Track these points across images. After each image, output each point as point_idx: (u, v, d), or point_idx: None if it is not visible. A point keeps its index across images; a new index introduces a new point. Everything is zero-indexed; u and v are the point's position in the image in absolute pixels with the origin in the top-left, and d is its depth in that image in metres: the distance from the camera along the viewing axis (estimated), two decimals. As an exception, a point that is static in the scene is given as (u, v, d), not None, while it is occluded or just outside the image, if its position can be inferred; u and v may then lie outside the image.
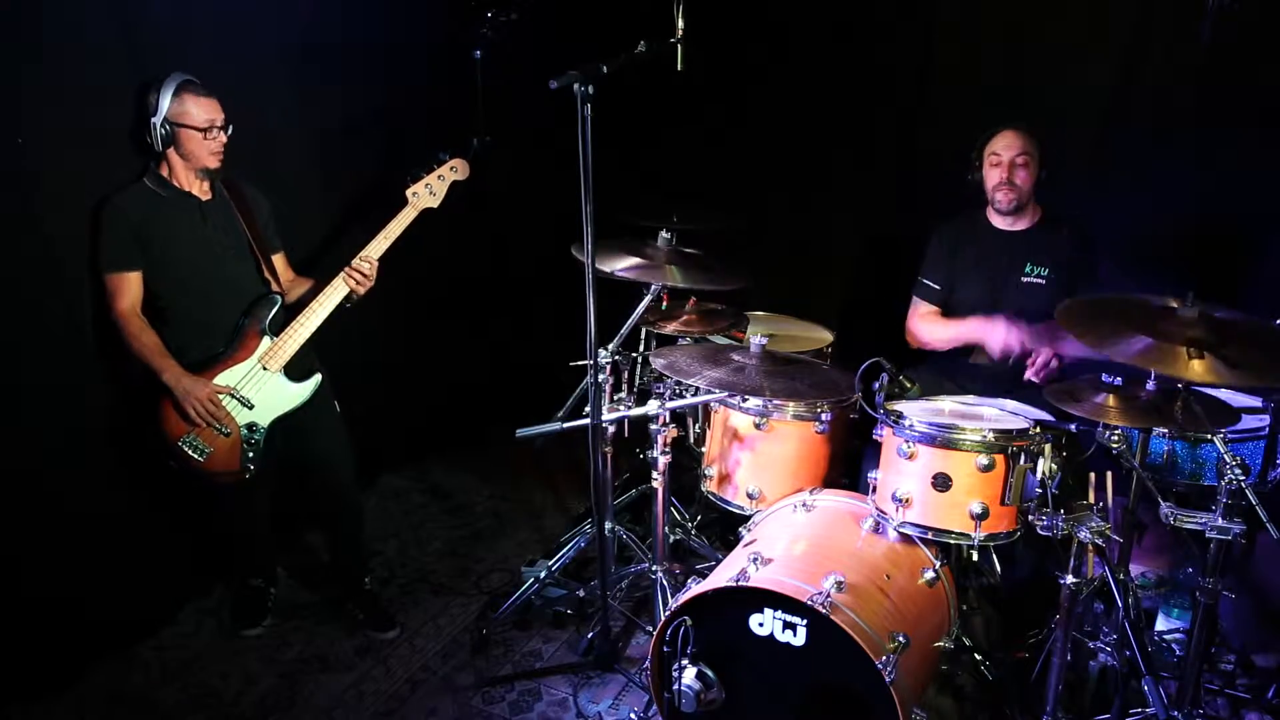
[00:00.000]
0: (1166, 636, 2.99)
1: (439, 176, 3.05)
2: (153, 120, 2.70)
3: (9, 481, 2.68)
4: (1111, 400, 2.42)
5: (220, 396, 2.79)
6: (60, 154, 2.70)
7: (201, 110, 2.73)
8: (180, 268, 2.80)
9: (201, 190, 2.86)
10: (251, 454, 2.87)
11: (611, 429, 3.08)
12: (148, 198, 2.77)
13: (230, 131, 2.80)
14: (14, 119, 2.59)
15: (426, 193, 3.02)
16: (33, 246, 2.69)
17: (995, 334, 3.12)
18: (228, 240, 2.89)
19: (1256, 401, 2.77)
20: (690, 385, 2.85)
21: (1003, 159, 3.18)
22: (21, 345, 2.70)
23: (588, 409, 2.63)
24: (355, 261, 2.91)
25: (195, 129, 2.73)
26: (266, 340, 2.88)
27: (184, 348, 2.81)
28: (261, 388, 2.86)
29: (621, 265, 3.06)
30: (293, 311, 2.93)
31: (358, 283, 2.90)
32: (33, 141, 2.63)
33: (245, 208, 2.92)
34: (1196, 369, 2.19)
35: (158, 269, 2.78)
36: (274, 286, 2.96)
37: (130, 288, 2.75)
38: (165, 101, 2.69)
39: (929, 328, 3.36)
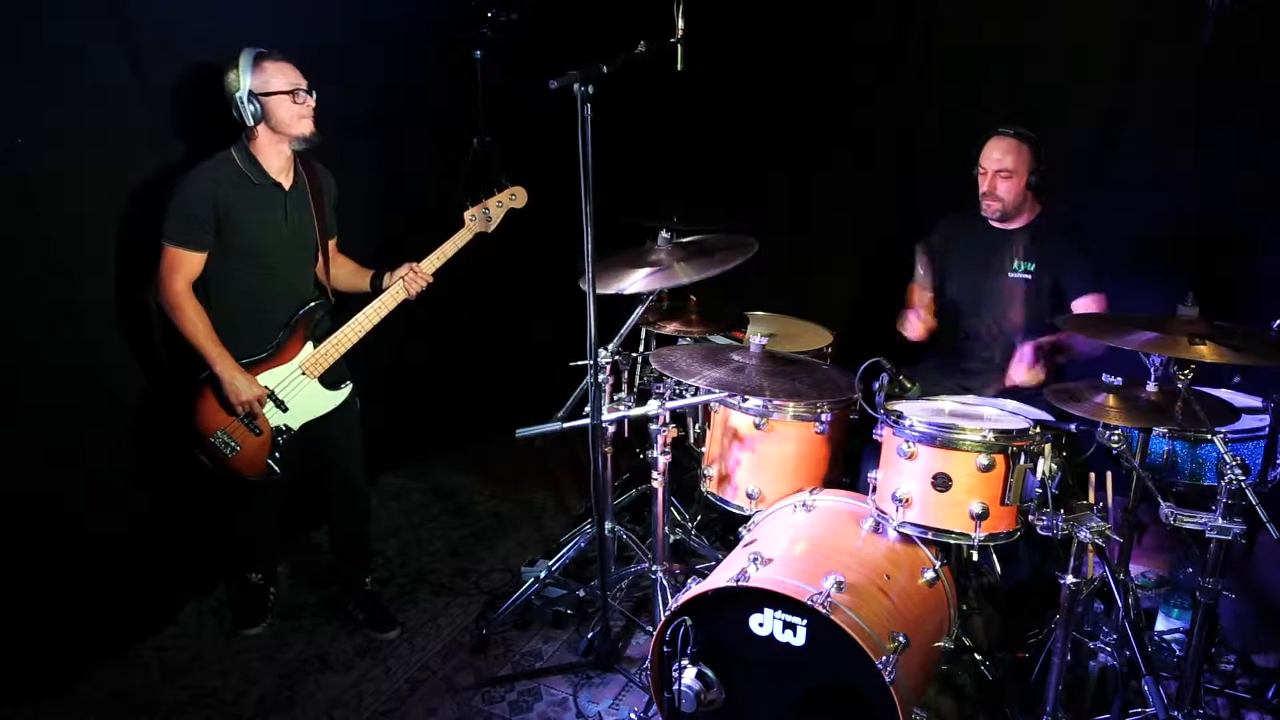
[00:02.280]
0: (1166, 636, 2.99)
1: (498, 203, 3.07)
2: (238, 96, 2.65)
3: (9, 482, 2.68)
4: (1111, 400, 2.42)
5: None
6: (60, 154, 2.69)
7: (283, 75, 2.69)
8: (251, 258, 2.78)
9: (286, 176, 2.82)
10: (278, 454, 2.88)
11: (611, 429, 3.07)
12: (237, 180, 2.72)
13: (315, 96, 2.76)
14: (14, 119, 2.58)
15: (484, 216, 3.05)
16: (33, 246, 2.68)
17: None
18: (302, 237, 2.88)
19: (1256, 401, 2.77)
20: (690, 385, 2.85)
21: (986, 171, 3.18)
22: (21, 345, 2.70)
23: (588, 409, 2.63)
24: (410, 276, 2.93)
25: (283, 93, 2.68)
26: (310, 347, 2.89)
27: (227, 339, 2.78)
28: (299, 393, 2.88)
29: (629, 281, 3.04)
30: (338, 313, 2.94)
31: (415, 291, 2.95)
32: (32, 141, 2.62)
33: (319, 193, 2.91)
34: (1203, 351, 2.25)
35: (228, 255, 2.75)
36: (325, 282, 2.96)
37: (189, 266, 2.71)
38: (246, 76, 2.65)
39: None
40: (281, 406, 2.86)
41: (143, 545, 3.09)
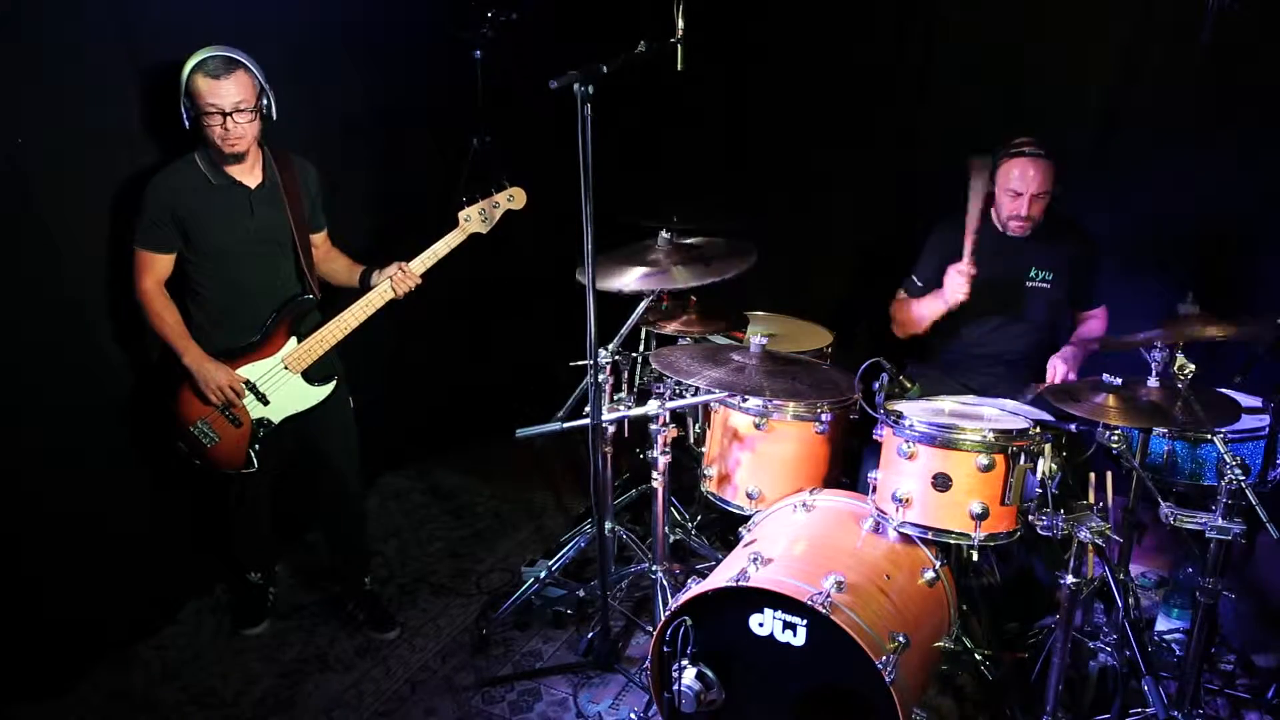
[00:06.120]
0: (1166, 636, 2.99)
1: (494, 204, 2.99)
2: (182, 99, 2.63)
3: (9, 481, 2.68)
4: (1111, 400, 2.42)
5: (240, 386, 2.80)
6: (60, 154, 2.69)
7: (208, 94, 2.60)
8: (220, 257, 2.77)
9: (251, 174, 2.80)
10: (257, 448, 2.87)
11: (611, 429, 3.07)
12: (198, 182, 2.71)
13: (253, 114, 2.67)
14: (14, 119, 2.58)
15: (479, 218, 2.97)
16: (33, 247, 2.68)
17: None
18: (272, 233, 2.84)
19: (1257, 401, 2.77)
20: (690, 385, 2.85)
21: (1023, 194, 3.07)
22: (21, 345, 2.70)
23: (588, 409, 2.63)
24: (398, 275, 2.88)
25: (202, 114, 2.63)
26: (293, 342, 2.87)
27: (211, 335, 2.79)
28: (280, 387, 2.86)
29: (626, 279, 3.04)
30: (327, 307, 2.91)
31: (403, 291, 2.89)
32: (33, 141, 2.62)
33: (294, 188, 2.85)
34: (1212, 331, 2.33)
35: (198, 255, 2.75)
36: (310, 277, 2.92)
37: (157, 267, 2.72)
38: (183, 80, 2.62)
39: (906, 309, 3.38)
40: (263, 400, 2.84)
41: (143, 545, 3.09)
